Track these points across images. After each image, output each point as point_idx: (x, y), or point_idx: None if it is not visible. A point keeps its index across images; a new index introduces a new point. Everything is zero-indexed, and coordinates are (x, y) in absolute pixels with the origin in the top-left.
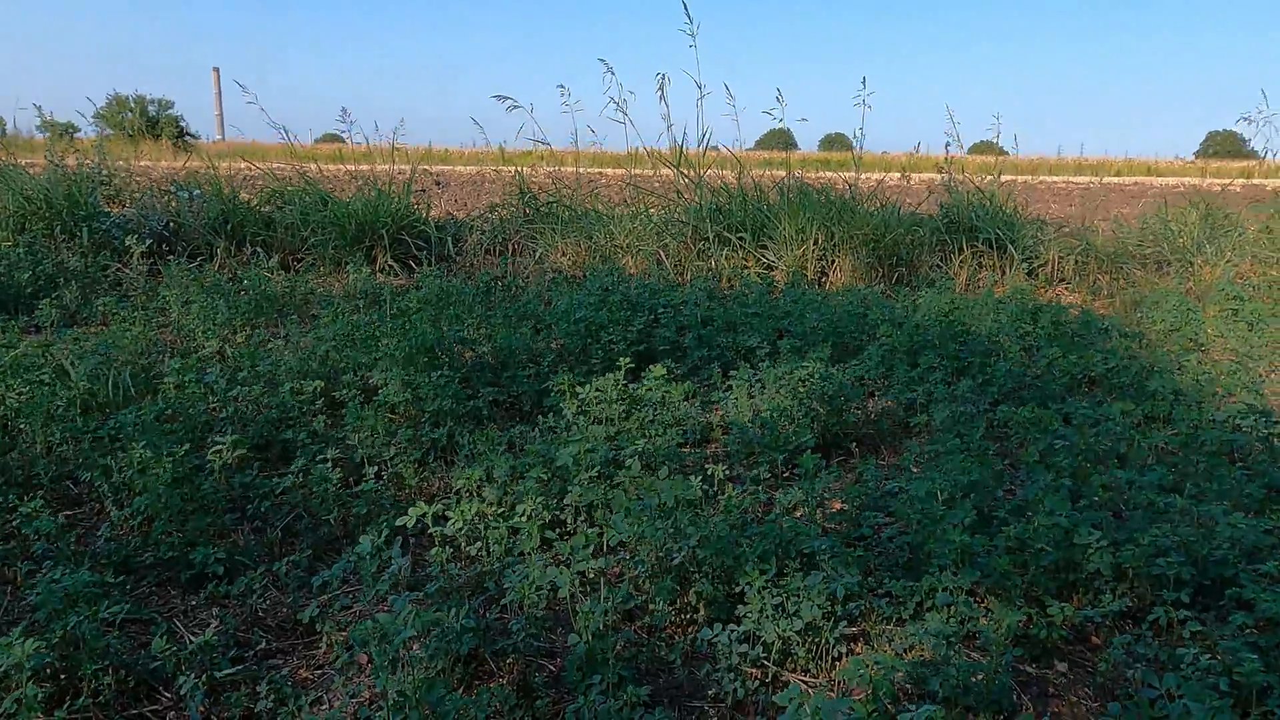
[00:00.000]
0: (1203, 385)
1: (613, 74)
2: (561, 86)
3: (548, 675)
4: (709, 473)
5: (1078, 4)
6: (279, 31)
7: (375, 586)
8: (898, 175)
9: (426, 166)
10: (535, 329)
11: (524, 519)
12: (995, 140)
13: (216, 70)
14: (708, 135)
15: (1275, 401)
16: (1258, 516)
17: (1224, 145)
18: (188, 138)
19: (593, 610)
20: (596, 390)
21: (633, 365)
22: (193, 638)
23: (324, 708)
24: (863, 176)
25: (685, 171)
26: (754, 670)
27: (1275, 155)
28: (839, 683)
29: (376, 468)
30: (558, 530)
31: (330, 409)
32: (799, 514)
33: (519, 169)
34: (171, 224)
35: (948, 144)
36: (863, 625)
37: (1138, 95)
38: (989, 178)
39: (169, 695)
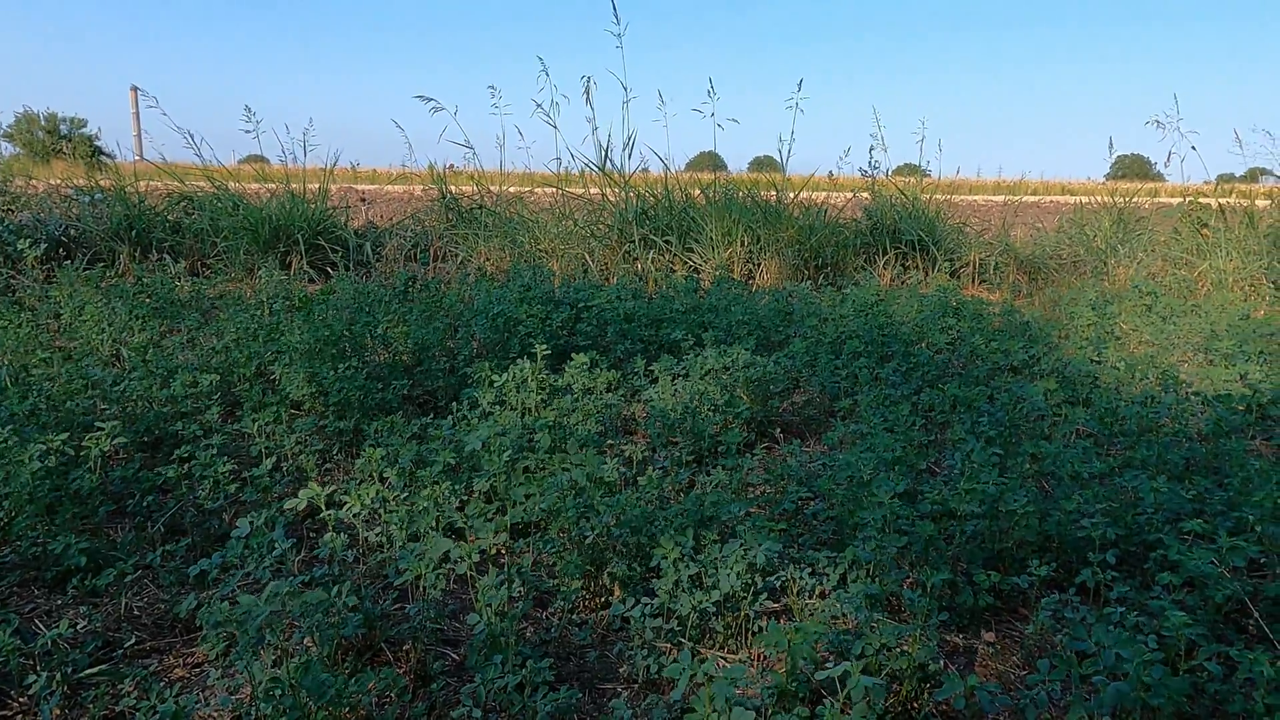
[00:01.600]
0: (1120, 372)
1: (547, 74)
2: (492, 88)
3: (450, 663)
4: (627, 454)
5: (991, 36)
6: (210, 54)
7: (251, 569)
8: (823, 195)
9: (353, 185)
10: (453, 326)
11: (429, 502)
12: (917, 163)
13: (135, 89)
14: (633, 137)
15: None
16: (1178, 483)
17: (1132, 168)
18: (103, 157)
19: (493, 585)
20: (514, 378)
21: (549, 352)
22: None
23: (200, 706)
24: (790, 196)
25: (611, 174)
26: (669, 646)
27: (1184, 157)
28: (760, 657)
29: (275, 459)
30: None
31: (228, 405)
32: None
33: (443, 173)
34: (71, 230)
35: (872, 148)
36: (784, 600)
37: (1051, 122)
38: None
39: (21, 700)
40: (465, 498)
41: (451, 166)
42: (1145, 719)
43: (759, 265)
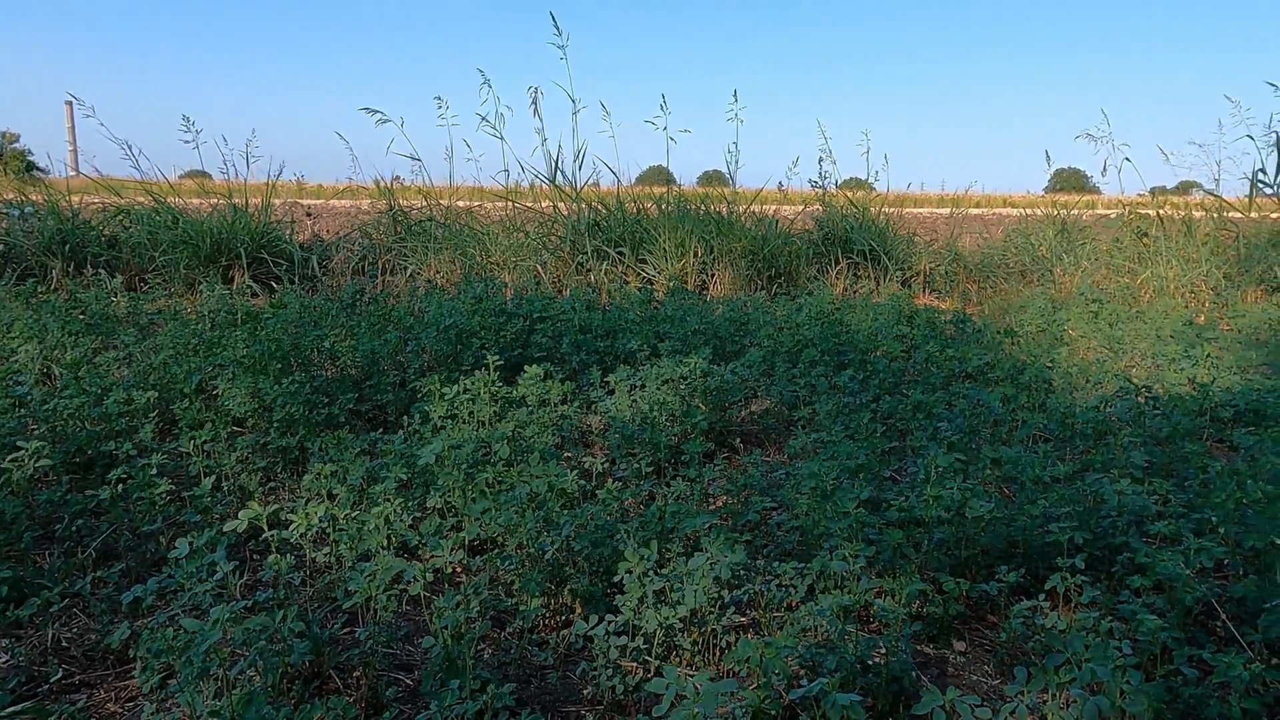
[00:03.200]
0: (1073, 376)
1: (489, 85)
2: (438, 99)
3: (404, 689)
4: (587, 466)
5: (930, 53)
6: (147, 67)
7: (192, 595)
8: (774, 207)
9: (299, 200)
10: (403, 339)
11: (380, 520)
12: (864, 177)
13: (70, 103)
14: (584, 148)
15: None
16: (1140, 484)
17: (1070, 181)
18: (36, 171)
19: (447, 606)
20: (466, 391)
21: (501, 364)
22: None
23: None
24: (741, 209)
25: (562, 186)
26: (634, 665)
27: (1120, 168)
28: (729, 672)
29: (215, 478)
30: (419, 534)
31: (166, 423)
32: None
33: (390, 186)
34: (0, 244)
35: (821, 160)
36: (752, 614)
37: (991, 137)
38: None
39: None
40: (419, 514)
41: (398, 178)
42: None
43: (712, 276)
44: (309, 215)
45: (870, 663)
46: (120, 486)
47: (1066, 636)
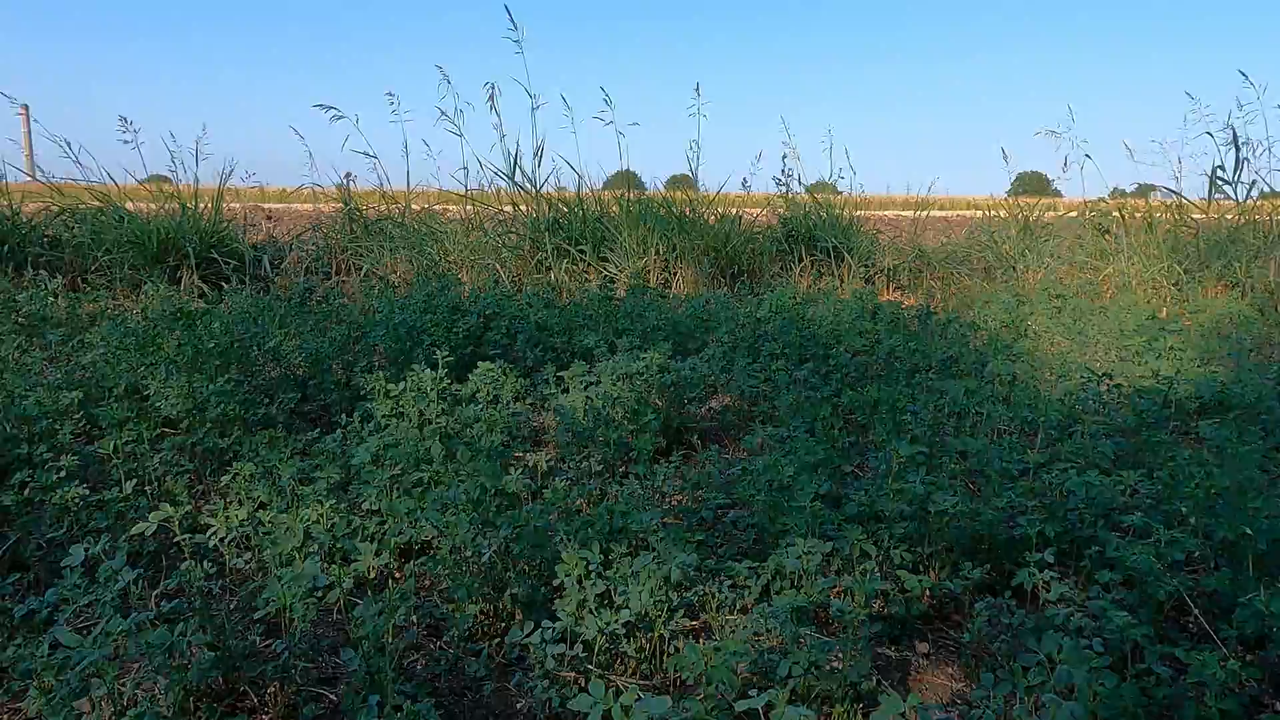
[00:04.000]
0: (1037, 369)
1: (448, 81)
2: (390, 94)
3: (326, 706)
4: (532, 464)
5: (892, 54)
6: (96, 72)
7: (95, 605)
8: (735, 210)
9: (261, 204)
10: (352, 338)
11: (295, 521)
12: (829, 179)
13: (26, 108)
14: (542, 145)
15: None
16: (1108, 476)
17: (1031, 184)
18: None
19: (365, 615)
20: (413, 388)
21: (451, 359)
22: None
23: None
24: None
25: (521, 185)
26: (573, 675)
27: (1082, 166)
28: (678, 683)
29: (136, 481)
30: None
31: (92, 425)
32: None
33: (346, 183)
34: None
35: (785, 156)
36: (704, 618)
37: (953, 141)
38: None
39: None
40: (352, 517)
41: (350, 174)
42: None
43: (675, 274)
44: (269, 219)
45: (827, 667)
46: (26, 491)
47: (1037, 636)
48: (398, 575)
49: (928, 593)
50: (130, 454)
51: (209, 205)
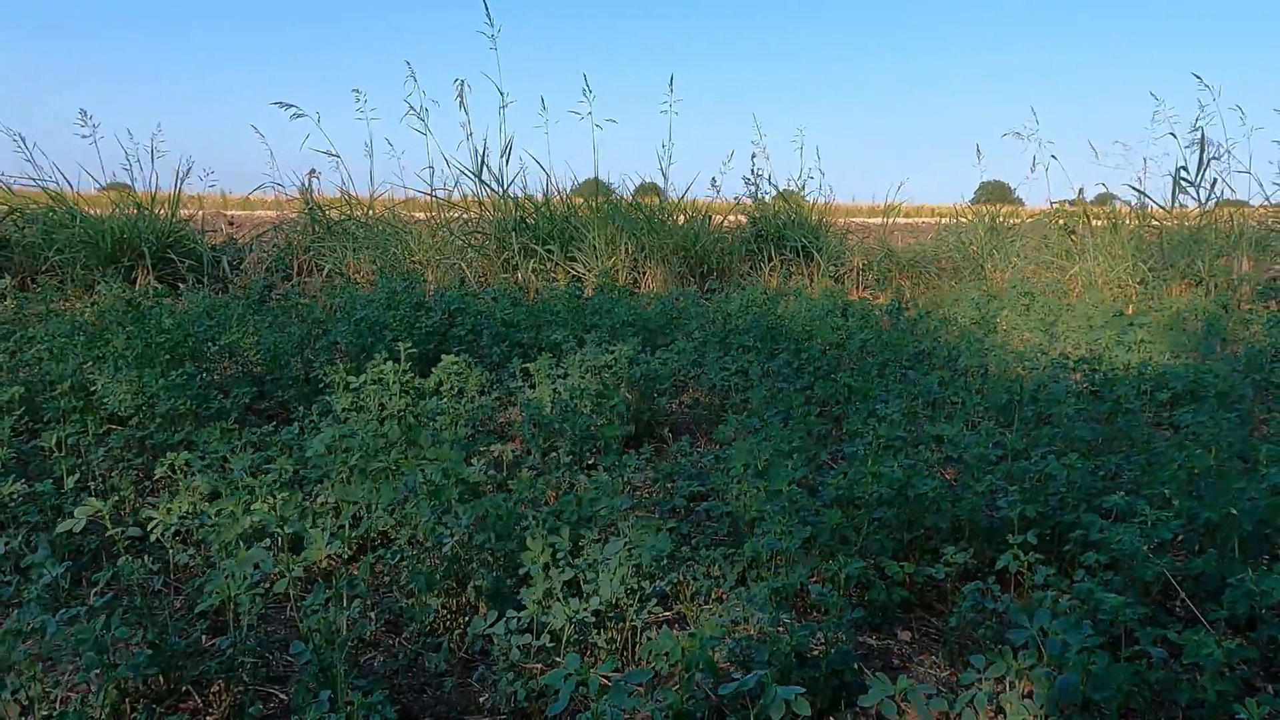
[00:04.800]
0: (1008, 362)
1: (415, 79)
2: (356, 91)
3: (276, 706)
4: (497, 455)
5: (856, 59)
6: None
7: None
8: (705, 209)
9: (223, 211)
10: (313, 334)
11: (238, 508)
12: (799, 185)
13: None
14: (510, 143)
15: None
16: (1088, 459)
17: (994, 193)
18: None
19: (315, 604)
20: (374, 381)
21: (416, 354)
22: None
23: None
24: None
25: (489, 182)
26: (540, 667)
27: (1048, 167)
28: (652, 673)
29: (78, 477)
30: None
31: (35, 421)
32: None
33: (307, 182)
34: None
35: (754, 155)
36: (677, 607)
37: (917, 150)
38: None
39: None
40: (305, 504)
41: (313, 171)
42: (1087, 715)
43: (644, 273)
44: (231, 225)
45: (808, 655)
46: None
47: (1028, 615)
48: (355, 569)
49: (909, 578)
50: (74, 448)
51: (166, 209)
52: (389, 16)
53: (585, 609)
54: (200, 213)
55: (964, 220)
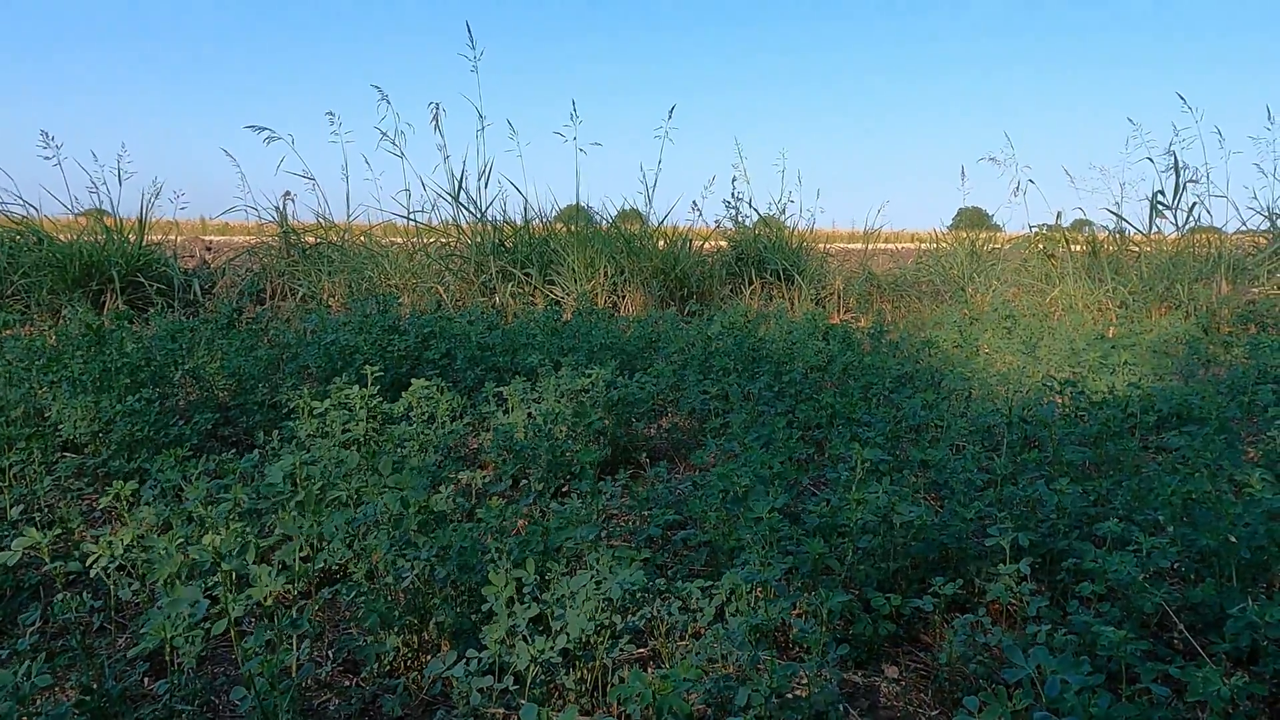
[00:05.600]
0: (992, 385)
1: (388, 102)
2: (330, 114)
3: None
4: (466, 483)
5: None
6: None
7: None
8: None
9: (201, 236)
10: (281, 359)
11: (172, 544)
12: (780, 210)
13: None
14: (489, 166)
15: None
16: (1079, 484)
17: (972, 219)
18: None
19: (255, 646)
20: (339, 405)
21: (385, 378)
22: None
23: None
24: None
25: (466, 205)
26: (503, 712)
27: (1025, 191)
28: (622, 716)
29: (22, 507)
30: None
31: None
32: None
33: (281, 205)
34: None
35: (735, 179)
36: (652, 644)
37: (895, 176)
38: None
39: None
40: (257, 541)
41: (288, 193)
42: None
43: (623, 296)
44: (209, 250)
45: (789, 695)
46: None
47: (1023, 651)
48: (314, 605)
49: (896, 611)
50: (20, 476)
51: (134, 234)
52: (365, 39)
53: (551, 648)
54: (176, 237)
55: (944, 245)
